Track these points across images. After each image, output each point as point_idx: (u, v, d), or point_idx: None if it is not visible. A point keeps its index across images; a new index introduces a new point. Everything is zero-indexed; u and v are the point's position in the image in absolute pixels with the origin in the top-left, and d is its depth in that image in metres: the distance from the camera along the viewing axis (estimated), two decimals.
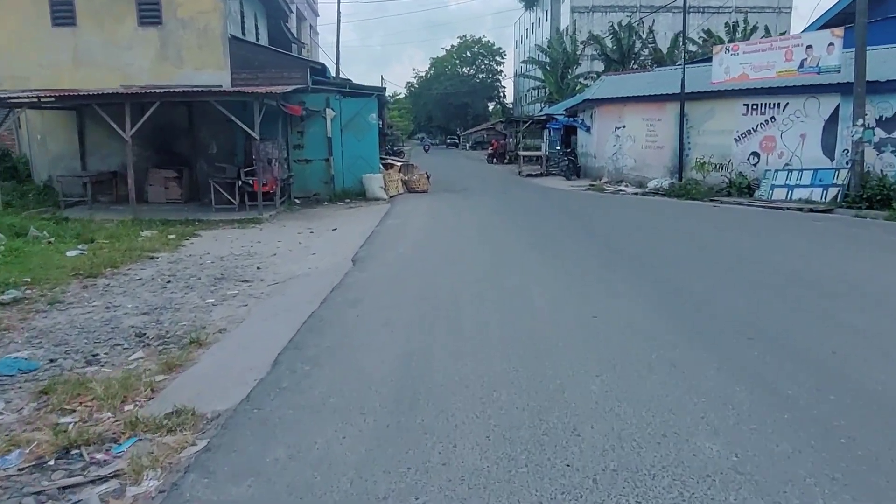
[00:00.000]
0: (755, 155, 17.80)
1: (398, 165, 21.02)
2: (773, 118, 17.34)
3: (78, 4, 16.35)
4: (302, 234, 12.22)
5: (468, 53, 79.11)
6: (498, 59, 79.98)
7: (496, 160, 38.53)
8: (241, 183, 15.20)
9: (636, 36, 36.01)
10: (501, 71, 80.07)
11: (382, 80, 74.79)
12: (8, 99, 14.25)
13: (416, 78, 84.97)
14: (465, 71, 79.08)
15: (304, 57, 26.06)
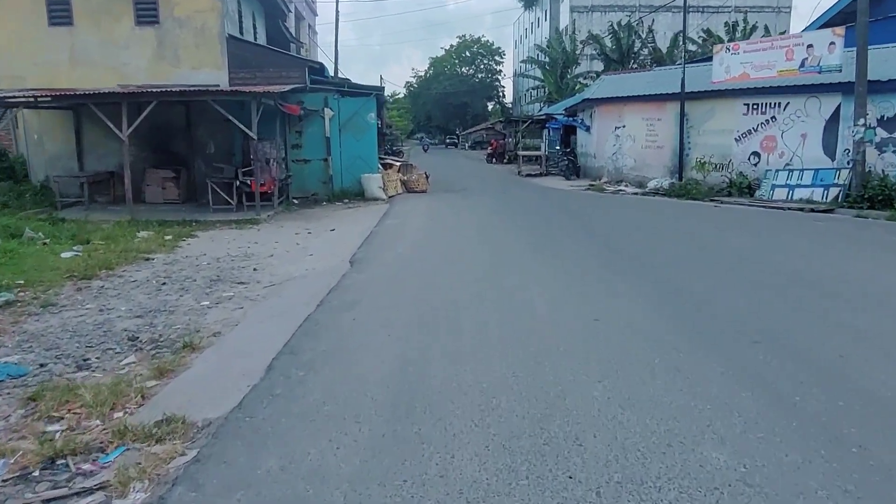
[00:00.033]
0: (756, 155, 17.70)
1: (397, 165, 20.91)
2: (773, 118, 17.23)
3: (74, 4, 16.23)
4: (300, 234, 12.11)
5: (467, 53, 78.98)
6: (497, 58, 79.90)
7: (495, 160, 38.41)
8: (238, 183, 15.09)
9: (636, 35, 35.91)
10: (500, 70, 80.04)
11: (381, 79, 74.60)
12: (4, 98, 14.13)
13: (415, 78, 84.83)
14: (464, 71, 78.94)
15: (302, 56, 25.95)
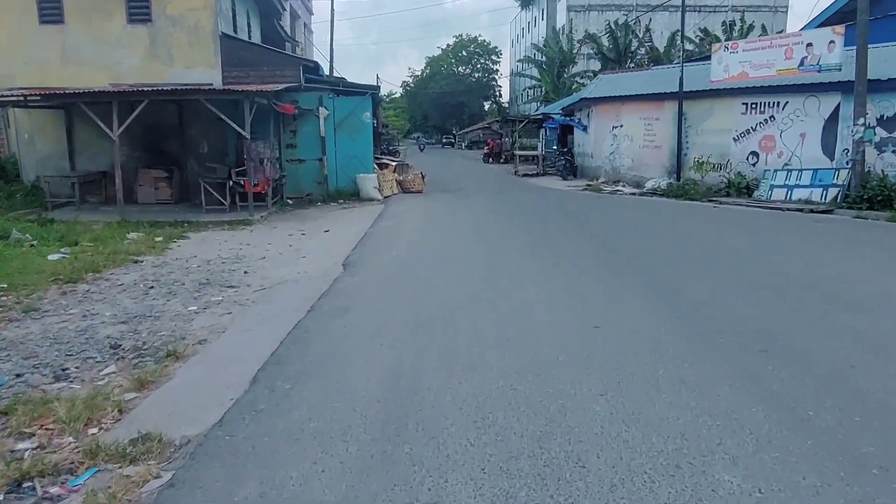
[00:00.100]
0: (754, 154, 17.53)
1: (393, 165, 20.71)
2: (772, 117, 17.06)
3: (66, 2, 15.99)
4: (293, 235, 11.89)
5: (464, 52, 78.85)
6: (494, 57, 79.82)
7: (492, 160, 38.23)
8: (231, 183, 14.85)
9: (633, 35, 35.77)
10: (497, 70, 79.98)
11: (378, 79, 74.42)
12: None
13: (411, 77, 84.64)
14: (460, 70, 78.78)
15: (297, 55, 25.70)
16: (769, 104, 17.09)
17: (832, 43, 15.22)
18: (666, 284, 7.38)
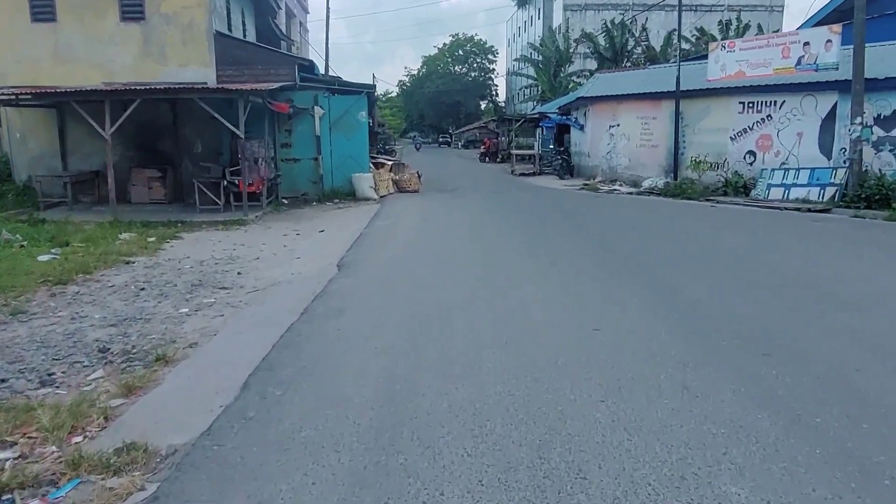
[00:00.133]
0: (751, 154, 17.47)
1: (389, 164, 20.58)
2: (769, 116, 17.00)
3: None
4: (288, 236, 11.76)
5: (460, 52, 78.65)
6: (490, 57, 79.67)
7: (488, 159, 38.14)
8: (226, 183, 14.70)
9: (629, 34, 35.68)
10: (494, 69, 79.80)
11: (374, 78, 74.28)
12: None
13: (408, 76, 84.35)
14: (457, 69, 78.58)
15: (292, 54, 25.53)
16: (766, 103, 17.03)
17: (829, 42, 15.17)
18: (663, 284, 7.33)
